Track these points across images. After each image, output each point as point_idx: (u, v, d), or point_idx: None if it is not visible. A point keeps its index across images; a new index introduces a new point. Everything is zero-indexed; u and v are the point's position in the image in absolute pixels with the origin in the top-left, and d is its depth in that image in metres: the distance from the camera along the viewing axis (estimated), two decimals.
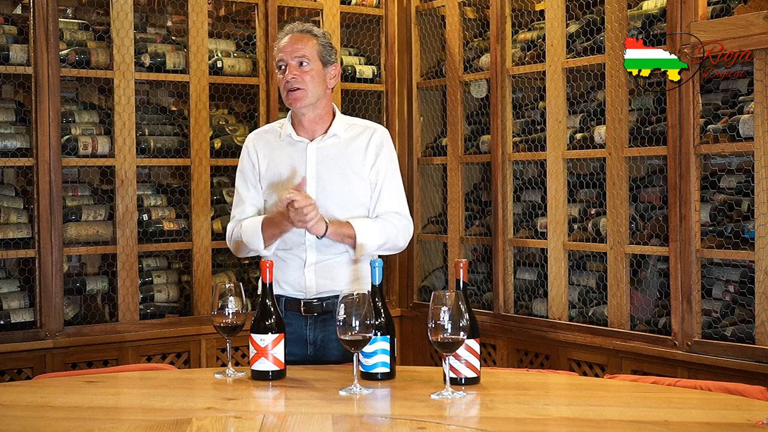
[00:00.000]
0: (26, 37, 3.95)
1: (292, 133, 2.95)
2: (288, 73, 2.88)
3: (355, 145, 2.95)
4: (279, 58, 2.92)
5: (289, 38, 2.92)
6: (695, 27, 3.50)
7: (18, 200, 4.04)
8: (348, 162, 2.93)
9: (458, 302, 2.31)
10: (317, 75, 2.90)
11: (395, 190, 2.97)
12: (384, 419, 2.21)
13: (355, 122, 3.02)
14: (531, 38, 4.28)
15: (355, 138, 2.96)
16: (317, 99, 2.91)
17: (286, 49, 2.90)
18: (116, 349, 4.07)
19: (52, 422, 2.21)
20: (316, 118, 2.94)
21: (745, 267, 3.52)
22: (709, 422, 2.14)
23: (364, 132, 2.98)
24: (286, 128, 2.97)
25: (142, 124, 4.24)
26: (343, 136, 2.95)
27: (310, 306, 2.90)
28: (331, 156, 2.93)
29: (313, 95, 2.89)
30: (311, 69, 2.89)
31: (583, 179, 4.08)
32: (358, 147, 2.95)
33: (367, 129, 2.99)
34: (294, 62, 2.88)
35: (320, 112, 2.94)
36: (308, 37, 2.92)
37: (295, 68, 2.88)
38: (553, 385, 2.63)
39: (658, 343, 3.67)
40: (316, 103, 2.91)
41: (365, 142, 2.95)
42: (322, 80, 2.91)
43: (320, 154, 2.93)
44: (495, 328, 4.33)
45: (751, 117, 3.39)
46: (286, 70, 2.89)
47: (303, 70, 2.88)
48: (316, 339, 2.91)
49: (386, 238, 2.89)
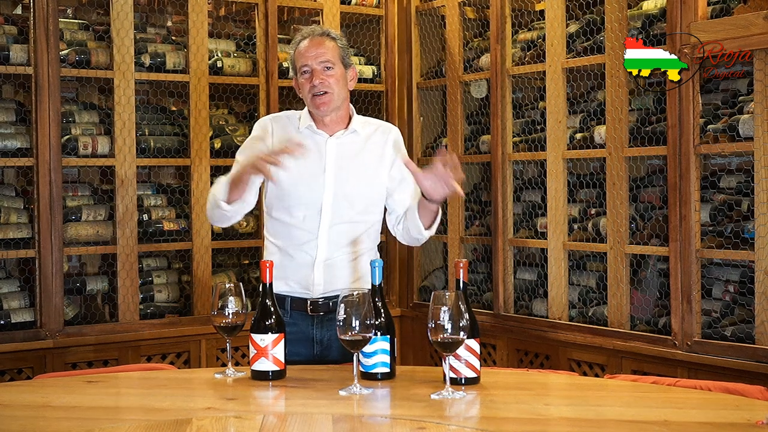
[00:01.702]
0: (26, 37, 3.95)
1: (312, 125, 2.94)
2: (314, 77, 2.86)
3: (373, 141, 2.97)
4: (302, 63, 2.89)
5: (310, 42, 2.90)
6: (695, 27, 3.50)
7: (18, 200, 4.04)
8: (367, 158, 2.95)
9: (458, 302, 2.31)
10: (341, 78, 2.90)
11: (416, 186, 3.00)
12: (384, 419, 2.21)
13: (371, 121, 3.05)
14: (531, 38, 4.28)
15: (371, 135, 2.98)
16: (342, 101, 2.92)
17: (309, 54, 2.88)
18: (116, 349, 4.07)
19: (52, 422, 2.21)
20: (337, 118, 2.95)
21: (745, 267, 3.52)
22: (709, 422, 2.14)
23: (380, 129, 3.01)
24: (305, 120, 2.95)
25: (142, 124, 4.24)
26: (362, 133, 2.97)
27: (317, 305, 2.90)
28: (350, 152, 2.94)
29: (339, 98, 2.90)
30: (336, 72, 2.88)
31: (583, 179, 4.08)
32: (375, 144, 2.97)
33: (382, 126, 3.02)
34: (319, 67, 2.87)
35: (342, 113, 2.95)
36: (329, 40, 2.91)
37: (321, 72, 2.87)
38: (553, 385, 2.63)
39: (658, 343, 3.67)
40: (340, 105, 2.92)
41: (383, 140, 2.98)
42: (345, 83, 2.92)
43: (340, 150, 2.93)
44: (495, 328, 4.33)
45: (751, 117, 3.39)
46: (312, 75, 2.87)
47: (328, 74, 2.87)
48: (322, 338, 2.91)
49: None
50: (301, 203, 2.88)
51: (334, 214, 2.89)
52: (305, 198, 2.87)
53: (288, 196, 2.89)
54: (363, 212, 2.93)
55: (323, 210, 2.88)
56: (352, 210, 2.91)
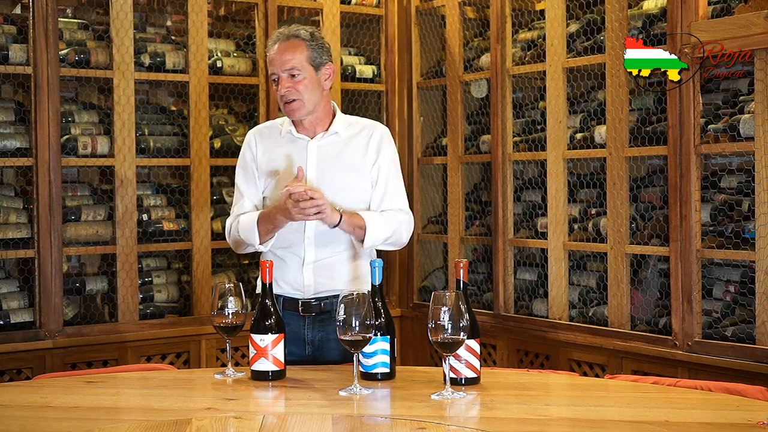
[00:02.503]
0: (26, 36, 3.95)
1: (293, 130, 2.94)
2: (281, 86, 2.87)
3: (356, 142, 2.95)
4: (271, 71, 2.90)
5: (278, 48, 2.88)
6: (695, 27, 3.49)
7: (17, 200, 4.04)
8: (349, 159, 2.92)
9: (458, 302, 2.31)
10: (311, 82, 2.87)
11: (398, 187, 2.97)
12: (384, 419, 2.21)
13: (356, 121, 3.02)
14: (531, 38, 4.27)
15: (355, 136, 2.96)
16: (314, 105, 2.90)
17: (276, 62, 2.88)
18: (116, 349, 4.07)
19: (52, 422, 2.21)
20: (315, 120, 2.94)
21: (745, 267, 3.52)
22: (709, 422, 2.13)
23: (364, 130, 2.98)
24: (286, 125, 2.97)
25: (141, 124, 4.24)
26: (344, 134, 2.95)
27: (308, 306, 2.89)
28: (331, 153, 2.92)
29: (310, 103, 2.89)
30: (303, 78, 2.86)
31: (583, 179, 4.08)
32: (358, 145, 2.94)
33: (367, 127, 2.99)
34: (285, 74, 2.86)
35: (320, 114, 2.94)
36: (296, 43, 2.87)
37: (287, 80, 2.86)
38: (554, 386, 2.63)
39: (659, 343, 3.66)
40: (313, 108, 2.91)
41: (366, 140, 2.95)
42: (316, 85, 2.89)
43: (321, 152, 2.92)
44: (495, 328, 4.33)
45: (751, 117, 3.39)
46: (279, 83, 2.88)
47: (295, 81, 2.86)
48: (314, 339, 2.91)
49: (392, 232, 2.90)
50: None
51: None
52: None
53: (273, 200, 2.91)
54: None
55: None
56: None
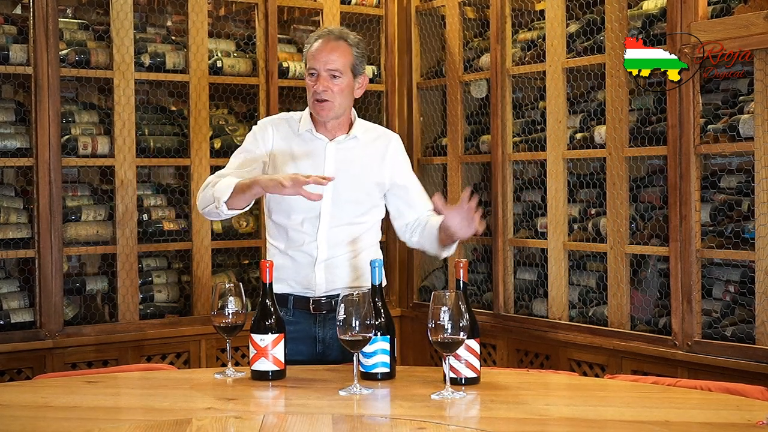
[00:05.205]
0: (26, 37, 3.95)
1: (312, 129, 2.92)
2: (318, 84, 2.82)
3: (373, 148, 2.96)
4: (310, 65, 2.84)
5: (323, 44, 2.84)
6: (695, 27, 3.49)
7: (18, 200, 4.04)
8: (365, 164, 2.93)
9: (458, 302, 2.31)
10: (347, 88, 2.86)
11: (423, 191, 3.04)
12: (384, 419, 2.21)
13: (373, 127, 3.03)
14: (531, 38, 4.27)
15: (372, 141, 2.97)
16: (343, 110, 2.89)
17: (320, 58, 2.83)
18: (116, 349, 4.07)
19: (52, 422, 2.21)
20: (338, 124, 2.93)
21: (745, 267, 3.52)
22: (709, 422, 2.14)
23: (381, 137, 3.00)
24: (305, 123, 2.92)
25: (141, 124, 4.24)
26: (362, 139, 2.95)
27: (319, 304, 2.89)
28: (349, 157, 2.92)
29: (341, 108, 2.87)
30: (342, 82, 2.84)
31: (583, 179, 4.08)
32: (375, 151, 2.96)
33: (384, 135, 3.02)
34: (326, 74, 2.82)
35: (343, 119, 2.93)
36: (343, 46, 2.84)
37: (326, 80, 2.82)
38: (553, 386, 2.63)
39: (659, 343, 3.66)
40: (341, 113, 2.90)
41: (383, 149, 2.97)
42: (350, 92, 2.88)
43: (339, 155, 2.91)
44: (495, 328, 4.33)
45: (751, 117, 3.39)
46: (317, 79, 2.83)
47: (334, 83, 2.83)
48: (324, 337, 2.91)
49: None
50: (300, 207, 2.86)
51: (333, 217, 2.88)
52: (303, 202, 2.80)
53: (286, 200, 2.87)
54: (362, 215, 2.93)
55: (322, 214, 2.87)
56: (351, 213, 2.90)
